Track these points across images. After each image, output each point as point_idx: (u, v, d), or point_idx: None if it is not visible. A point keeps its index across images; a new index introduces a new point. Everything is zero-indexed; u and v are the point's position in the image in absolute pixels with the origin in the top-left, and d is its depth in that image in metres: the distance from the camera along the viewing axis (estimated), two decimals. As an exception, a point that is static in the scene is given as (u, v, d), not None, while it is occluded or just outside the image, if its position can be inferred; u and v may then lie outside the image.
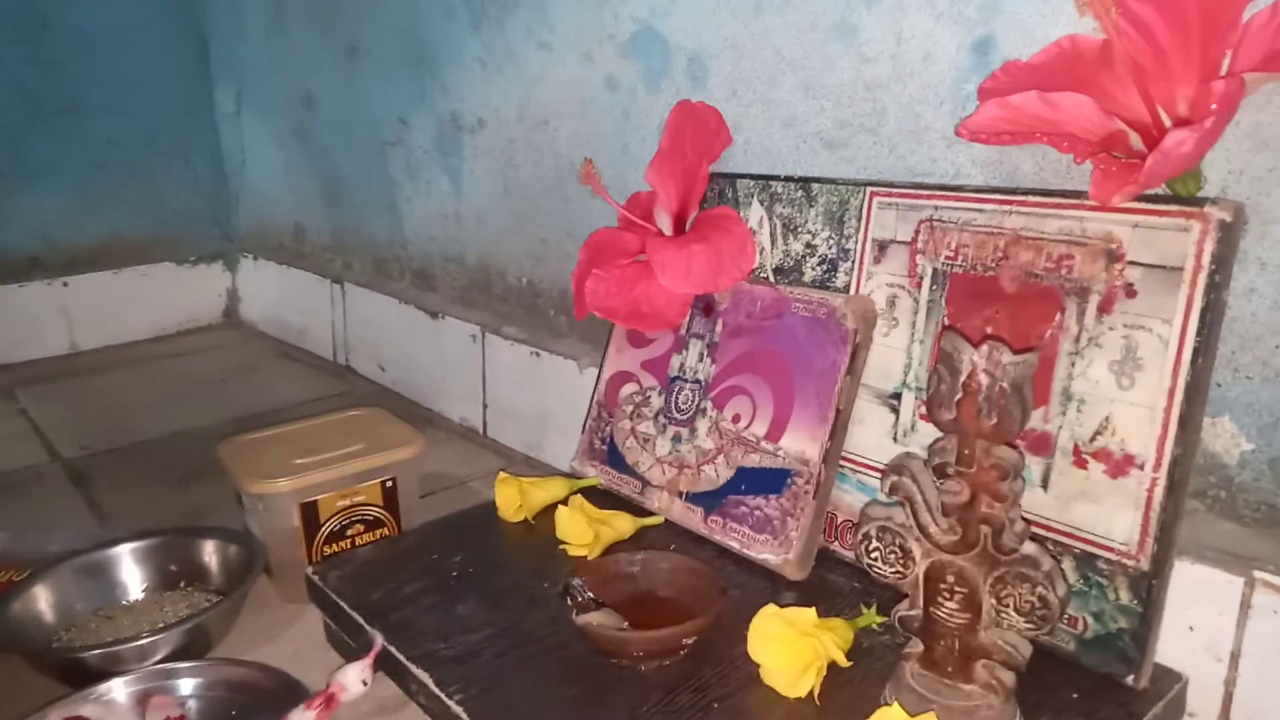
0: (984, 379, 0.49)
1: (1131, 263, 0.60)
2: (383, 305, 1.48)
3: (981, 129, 0.59)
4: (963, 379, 0.50)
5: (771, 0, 0.83)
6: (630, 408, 0.91)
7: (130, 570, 0.88)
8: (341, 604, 0.73)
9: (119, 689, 0.71)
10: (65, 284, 1.75)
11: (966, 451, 0.51)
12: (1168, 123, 0.57)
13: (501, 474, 0.87)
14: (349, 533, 0.88)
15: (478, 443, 1.29)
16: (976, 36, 0.69)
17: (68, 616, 0.83)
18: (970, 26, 0.69)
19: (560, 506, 0.81)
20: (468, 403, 1.31)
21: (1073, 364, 0.63)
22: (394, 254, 1.48)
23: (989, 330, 0.67)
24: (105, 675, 0.71)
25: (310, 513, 0.85)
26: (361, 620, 0.70)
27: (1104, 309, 0.61)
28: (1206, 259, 0.56)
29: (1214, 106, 0.49)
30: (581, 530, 0.78)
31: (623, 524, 0.81)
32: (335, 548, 0.88)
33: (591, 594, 0.66)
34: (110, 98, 1.77)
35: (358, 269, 1.60)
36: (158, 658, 0.74)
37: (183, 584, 0.88)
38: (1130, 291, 0.60)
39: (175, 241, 1.89)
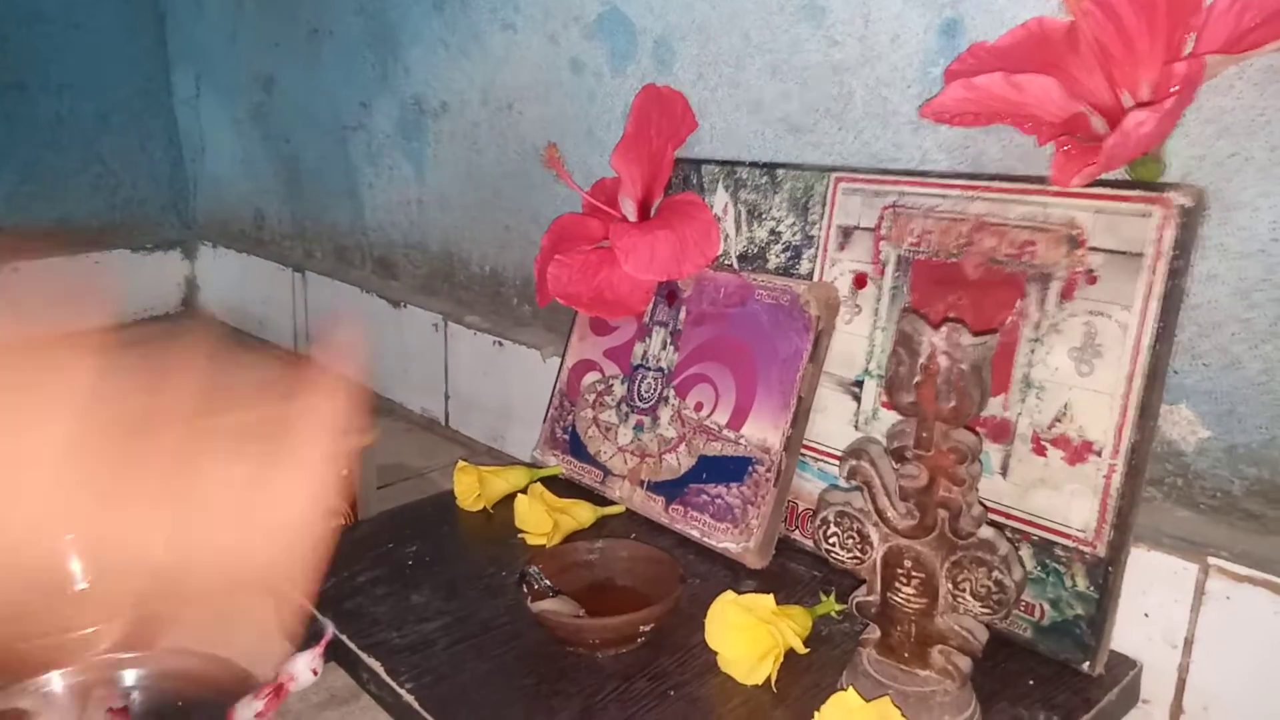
0: (943, 361, 0.49)
1: (1093, 249, 0.59)
2: (344, 294, 1.45)
3: (945, 110, 0.59)
4: (922, 361, 0.49)
5: (738, -18, 0.82)
6: (592, 396, 0.90)
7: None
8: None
9: (57, 681, 0.68)
10: (15, 269, 1.70)
11: (925, 435, 0.50)
12: (1130, 106, 0.57)
13: (460, 463, 0.85)
14: (303, 521, 0.86)
15: (439, 433, 1.27)
16: (944, 18, 0.68)
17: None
18: (938, 8, 0.68)
19: (519, 495, 0.80)
20: (429, 393, 1.29)
21: (1033, 350, 0.62)
22: (355, 241, 1.46)
23: (951, 316, 0.66)
24: (46, 667, 0.68)
25: (262, 500, 0.83)
26: (312, 609, 0.69)
27: (1065, 295, 0.61)
28: (1167, 245, 0.56)
29: (1174, 88, 0.49)
30: (540, 519, 0.77)
31: (583, 513, 0.80)
32: (288, 537, 0.86)
33: (548, 582, 0.65)
34: (62, 75, 1.72)
35: (319, 257, 1.57)
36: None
37: (130, 575, 0.85)
38: (1091, 278, 0.60)
39: (131, 228, 1.84)
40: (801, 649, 0.59)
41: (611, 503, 0.83)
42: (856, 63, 0.74)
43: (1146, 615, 0.59)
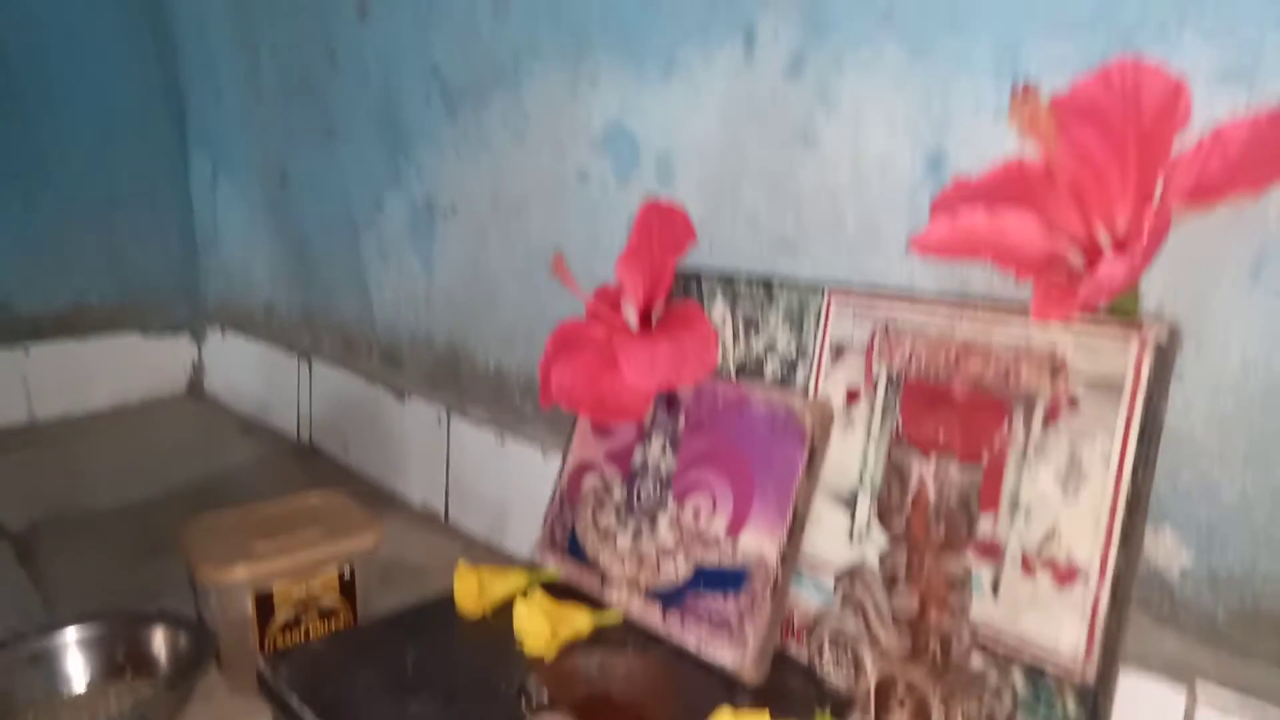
0: (932, 492, 0.51)
1: (1075, 376, 0.62)
2: (349, 383, 1.48)
3: (932, 246, 0.62)
4: (911, 491, 0.51)
5: (737, 108, 0.86)
6: (592, 499, 0.92)
7: (75, 659, 0.86)
8: (291, 700, 0.72)
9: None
10: (26, 352, 1.73)
11: (916, 561, 0.52)
12: (1106, 243, 0.60)
13: (461, 565, 0.86)
14: (303, 622, 0.87)
15: (439, 527, 1.28)
16: (930, 151, 0.72)
17: (7, 709, 0.81)
18: (924, 141, 0.72)
19: (519, 601, 0.80)
20: (430, 486, 1.30)
21: (1021, 472, 0.64)
22: (363, 333, 1.49)
23: (941, 436, 0.68)
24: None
25: (265, 602, 0.84)
26: (313, 717, 0.69)
27: (1049, 419, 0.63)
28: (1144, 376, 0.59)
29: (1144, 238, 0.52)
30: (539, 626, 0.78)
31: (581, 620, 0.80)
32: (289, 637, 0.86)
33: (547, 695, 0.66)
34: (81, 159, 1.77)
35: (326, 346, 1.60)
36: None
37: (129, 675, 0.86)
38: (1073, 404, 0.62)
39: (143, 311, 1.88)
40: (796, 770, 0.59)
41: (610, 608, 0.84)
42: (848, 188, 0.78)
43: (1138, 739, 0.60)
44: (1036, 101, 0.56)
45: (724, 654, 0.74)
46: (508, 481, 1.17)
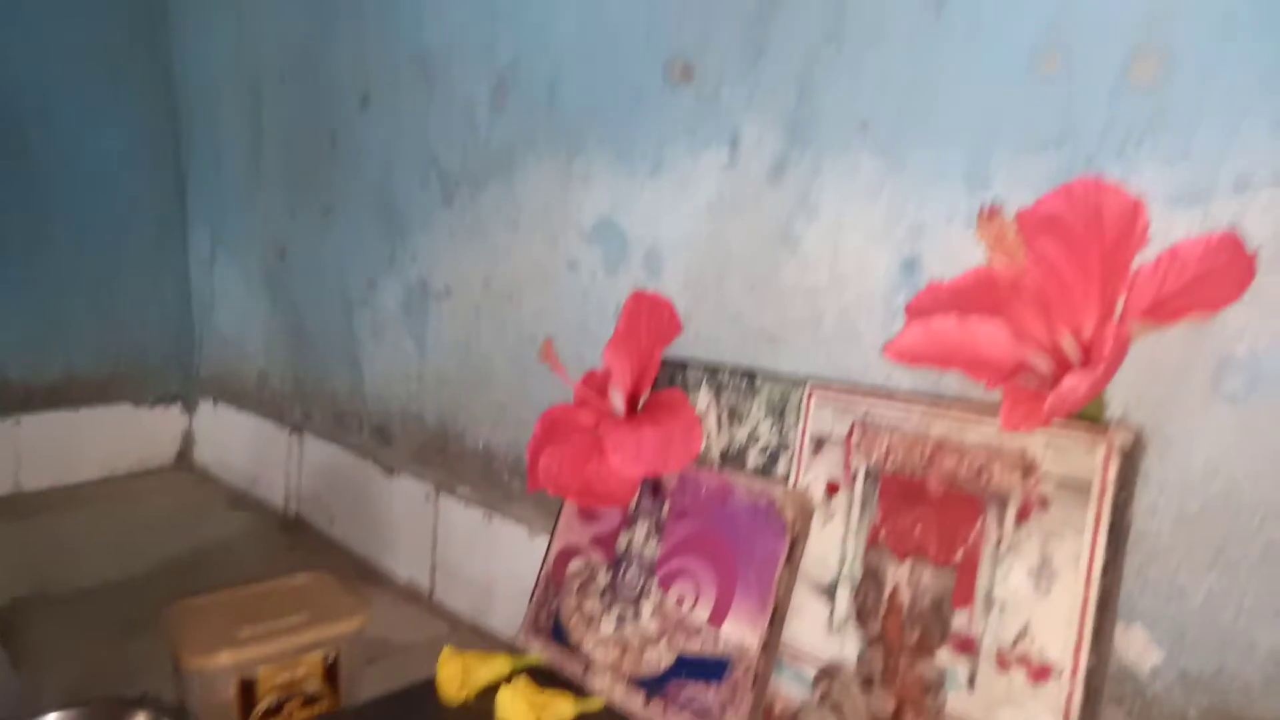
0: (907, 596, 0.52)
1: (1045, 476, 0.64)
2: (339, 458, 1.49)
3: (905, 353, 0.65)
4: (887, 595, 0.53)
5: (722, 205, 0.90)
6: (577, 584, 0.92)
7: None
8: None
9: None
10: (18, 422, 1.73)
11: (891, 663, 0.53)
12: (1072, 350, 0.62)
13: (445, 651, 0.86)
14: (287, 708, 0.87)
15: (425, 605, 1.28)
16: (904, 256, 0.75)
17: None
18: (898, 246, 0.76)
19: (502, 687, 0.81)
20: (417, 563, 1.30)
21: (995, 569, 0.66)
22: (354, 408, 1.51)
23: (918, 532, 0.70)
24: None
25: (248, 689, 0.84)
26: (290, 810, 0.69)
27: (1021, 518, 0.65)
28: (1111, 478, 0.61)
29: (1106, 354, 0.55)
30: (522, 714, 0.78)
31: (564, 708, 0.81)
32: (270, 723, 0.86)
33: (527, 789, 0.66)
34: (82, 229, 1.80)
35: (317, 419, 1.61)
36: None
37: (107, 761, 0.85)
38: (1044, 504, 0.64)
39: (135, 380, 1.89)
40: None
41: (593, 695, 0.84)
42: (827, 288, 0.81)
43: (1113, 841, 0.60)
44: (1002, 221, 0.59)
45: (705, 746, 0.74)
46: (494, 561, 1.17)
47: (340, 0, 1.39)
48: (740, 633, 0.77)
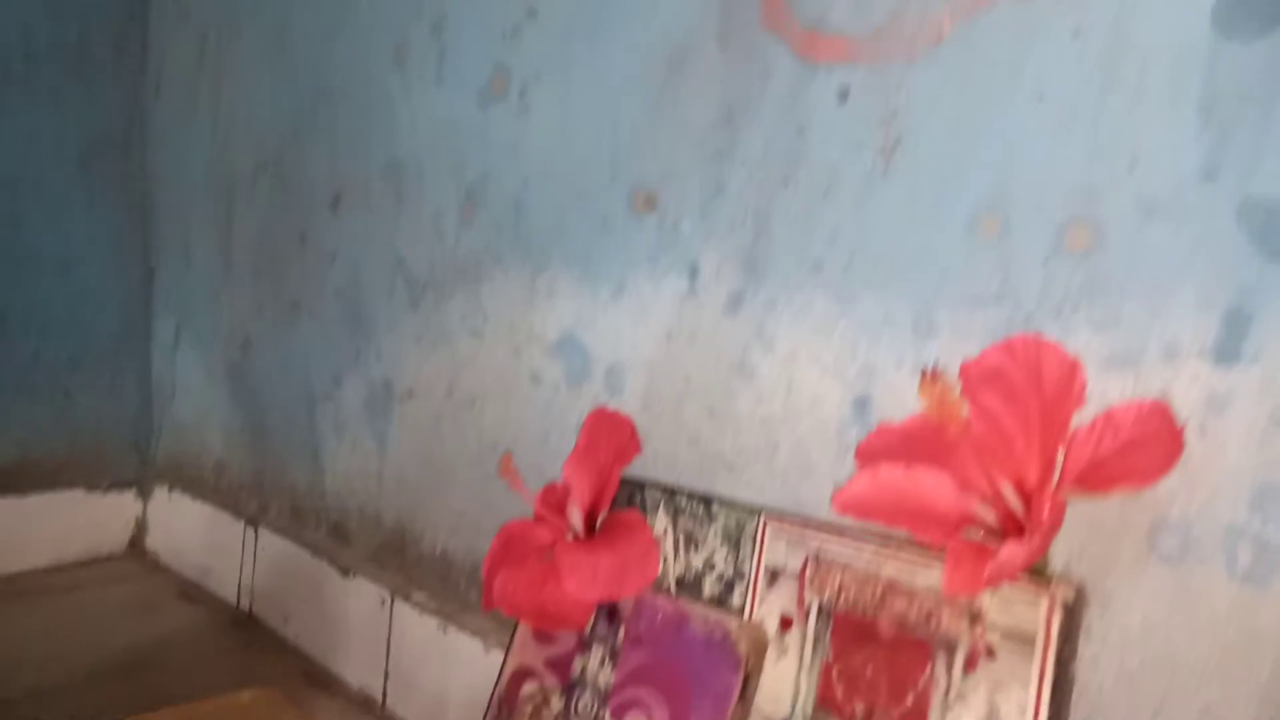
0: (850, 761, 0.53)
1: (991, 626, 0.65)
2: (294, 555, 1.47)
3: (853, 505, 0.66)
4: (831, 758, 0.53)
5: (681, 331, 0.92)
6: (530, 708, 0.91)
7: None
8: None
9: None
10: (-37, 508, 1.69)
11: (837, 828, 0.53)
12: (1014, 502, 0.64)
13: (392, 781, 0.84)
14: (224, 841, 0.84)
15: (376, 716, 1.25)
16: (856, 395, 0.77)
17: None
18: (850, 384, 0.78)
19: (449, 824, 0.79)
20: (369, 669, 1.28)
21: (944, 716, 0.66)
22: (312, 503, 1.49)
23: (869, 673, 0.71)
24: None
25: (184, 822, 0.82)
26: None
27: (969, 666, 0.66)
28: (1055, 631, 0.62)
29: (1044, 523, 0.56)
30: None
31: (512, 846, 0.79)
32: None
33: None
34: (45, 315, 1.78)
35: (274, 513, 1.59)
36: None
37: None
38: (991, 653, 0.65)
39: (91, 465, 1.86)
40: None
41: (542, 830, 0.83)
42: (781, 419, 0.83)
43: None
44: (944, 384, 0.62)
45: None
46: (448, 672, 1.15)
47: (315, 108, 1.42)
48: (692, 771, 0.76)
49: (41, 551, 1.78)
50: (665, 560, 0.88)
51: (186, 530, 1.80)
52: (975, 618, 0.66)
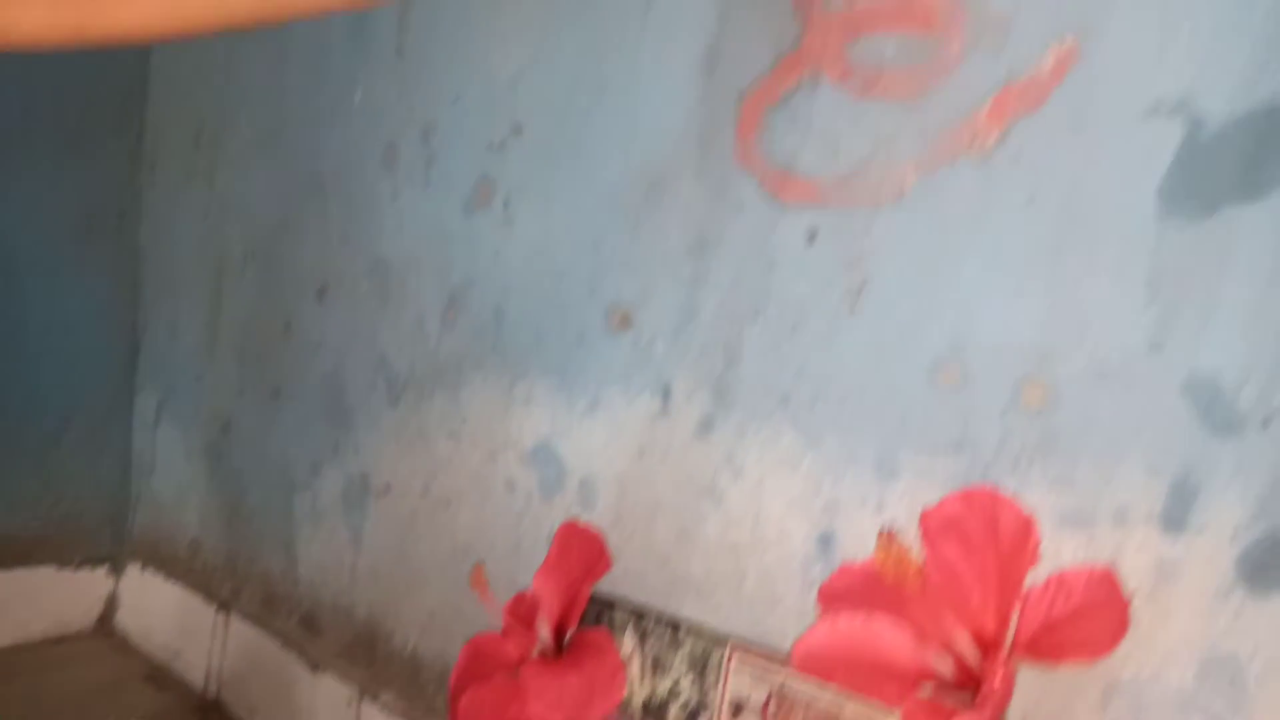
0: None
1: (948, 779, 0.65)
2: (264, 644, 1.45)
3: (811, 659, 0.67)
4: None
5: (654, 450, 0.93)
6: (491, 832, 0.90)
7: None
8: None
9: None
10: (-70, 585, 1.67)
11: None
12: (971, 655, 0.65)
13: None
14: None
15: (338, 821, 1.22)
16: (821, 530, 0.78)
17: None
18: (815, 520, 0.79)
19: None
20: (334, 772, 1.26)
21: None
22: (285, 591, 1.48)
23: (828, 820, 0.70)
24: None
25: None
26: None
27: (927, 820, 0.66)
28: (1010, 790, 0.62)
29: (995, 691, 0.57)
30: None
31: None
32: None
33: None
34: (26, 391, 1.78)
35: (246, 598, 1.57)
36: None
37: None
38: (948, 808, 0.65)
39: (63, 542, 1.84)
40: None
41: None
42: (749, 546, 0.84)
43: None
44: (900, 546, 0.63)
45: None
46: (413, 780, 1.14)
47: (306, 200, 1.45)
48: None
49: (6, 630, 1.75)
50: (631, 683, 0.88)
51: (157, 611, 1.77)
52: (933, 769, 0.66)
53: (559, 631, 0.95)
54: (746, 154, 0.84)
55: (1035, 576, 0.62)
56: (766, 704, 0.77)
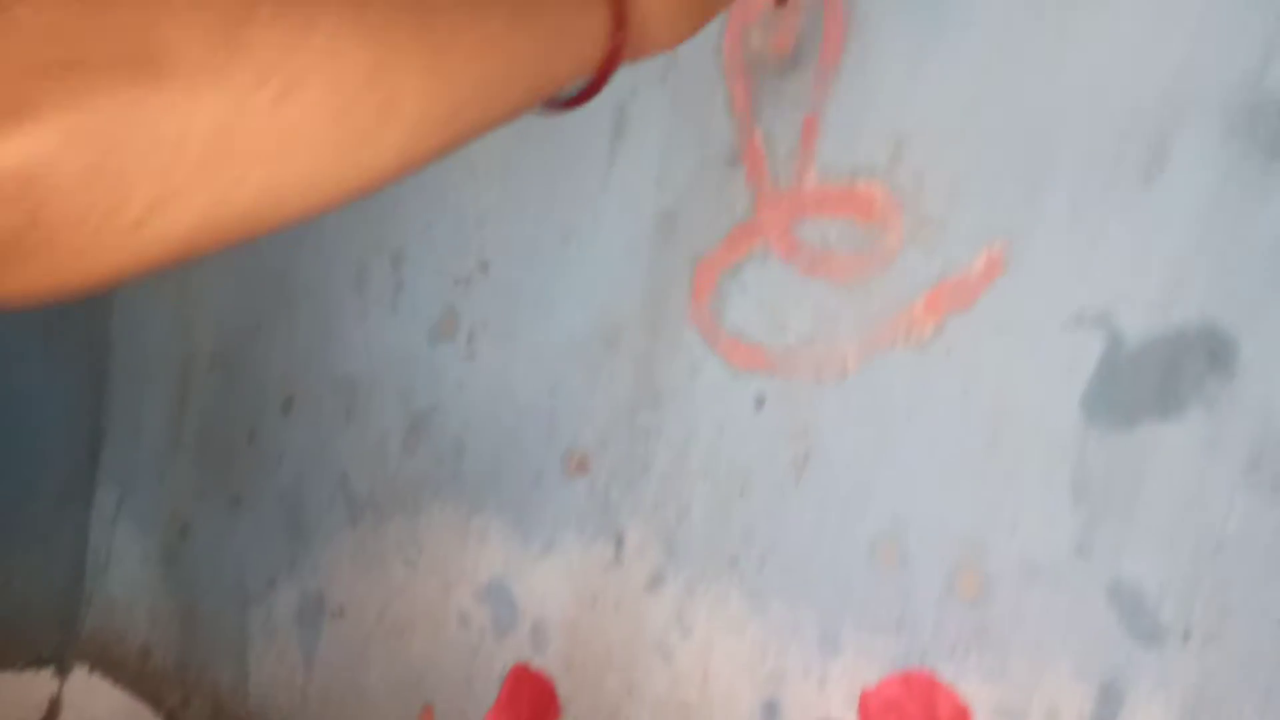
0: None
1: None
2: (210, 764, 1.42)
3: None
4: None
5: (606, 599, 0.93)
6: None
7: None
8: None
9: None
10: None
11: None
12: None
13: None
14: None
15: None
16: (765, 697, 0.78)
17: None
18: (760, 686, 0.79)
19: None
20: None
21: None
22: (234, 706, 1.45)
23: None
24: None
25: None
26: None
27: None
28: None
29: None
30: None
31: None
32: None
33: None
34: (-13, 483, 1.76)
35: (195, 709, 1.54)
36: None
37: None
38: None
39: (8, 641, 1.80)
40: None
41: None
42: (696, 707, 0.84)
43: None
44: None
45: None
46: None
47: (277, 309, 1.47)
48: None
49: (-56, 736, 1.69)
50: (576, 841, 0.87)
51: (103, 717, 1.73)
52: None
53: (506, 779, 0.94)
54: (700, 316, 0.87)
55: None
56: None
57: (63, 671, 1.85)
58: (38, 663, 1.83)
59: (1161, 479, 0.59)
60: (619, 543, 0.92)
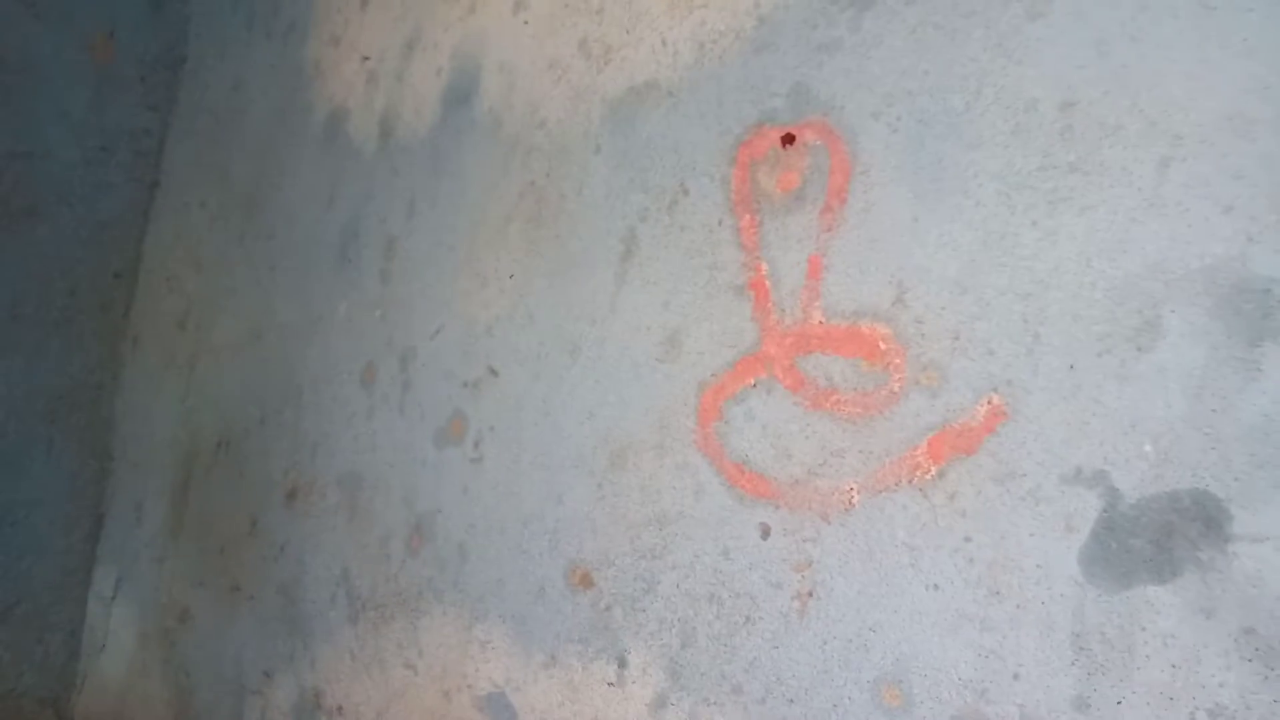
0: None
1: None
2: None
3: None
4: None
5: None
6: None
7: None
8: None
9: None
10: None
11: None
12: None
13: None
14: None
15: None
16: (768, 832, 0.78)
17: None
18: (763, 820, 0.79)
19: None
20: None
21: None
22: (226, 803, 1.43)
23: None
24: None
25: None
26: None
27: None
28: None
29: None
30: None
31: None
32: None
33: None
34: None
35: (186, 802, 1.51)
36: None
37: None
38: None
39: (0, 722, 1.78)
40: None
41: None
42: (698, 839, 0.83)
43: None
44: None
45: None
46: None
47: (284, 402, 1.48)
48: None
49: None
50: None
51: (91, 806, 1.70)
52: None
53: None
54: (706, 441, 0.88)
55: None
56: None
57: (52, 756, 1.82)
58: (27, 746, 1.80)
59: (1156, 640, 0.59)
60: (622, 662, 0.92)
